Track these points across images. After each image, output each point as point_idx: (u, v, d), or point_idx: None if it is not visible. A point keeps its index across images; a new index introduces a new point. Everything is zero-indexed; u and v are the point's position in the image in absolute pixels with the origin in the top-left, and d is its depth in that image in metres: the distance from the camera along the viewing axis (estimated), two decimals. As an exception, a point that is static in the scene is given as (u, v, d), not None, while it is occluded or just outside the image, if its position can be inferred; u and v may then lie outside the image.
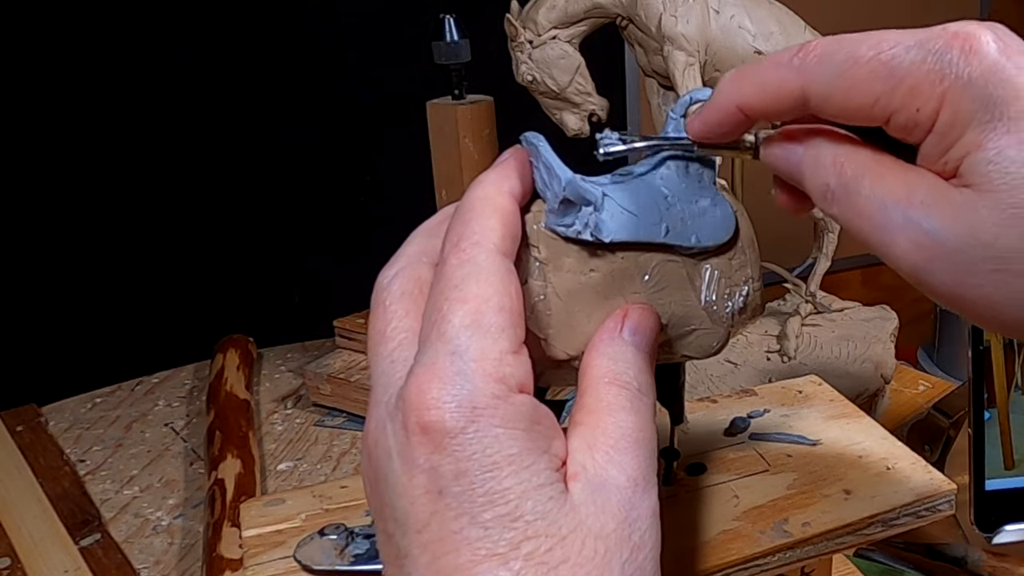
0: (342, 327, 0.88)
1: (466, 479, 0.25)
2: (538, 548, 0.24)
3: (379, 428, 0.27)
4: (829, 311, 0.82)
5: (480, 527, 0.24)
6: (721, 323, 0.35)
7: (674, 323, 0.35)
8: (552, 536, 0.25)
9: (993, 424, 0.55)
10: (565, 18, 0.71)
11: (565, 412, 0.40)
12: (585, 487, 0.26)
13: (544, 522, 0.25)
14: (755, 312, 0.36)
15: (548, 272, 0.33)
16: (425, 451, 0.25)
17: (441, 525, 0.25)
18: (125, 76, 1.32)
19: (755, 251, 0.36)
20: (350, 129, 1.47)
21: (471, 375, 0.25)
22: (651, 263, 0.34)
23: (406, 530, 0.25)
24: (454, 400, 0.25)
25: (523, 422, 0.26)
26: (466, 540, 0.24)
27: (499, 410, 0.25)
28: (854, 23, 0.82)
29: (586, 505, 0.26)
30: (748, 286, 0.35)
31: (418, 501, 0.25)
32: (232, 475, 0.69)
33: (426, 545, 0.25)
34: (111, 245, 1.37)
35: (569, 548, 0.25)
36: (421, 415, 0.25)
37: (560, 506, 0.25)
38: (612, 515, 0.26)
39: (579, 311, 0.33)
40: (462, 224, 0.28)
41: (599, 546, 0.25)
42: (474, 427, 0.25)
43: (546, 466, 0.26)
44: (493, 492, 0.25)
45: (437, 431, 0.25)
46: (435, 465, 0.25)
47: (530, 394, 0.27)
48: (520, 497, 0.25)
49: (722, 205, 0.35)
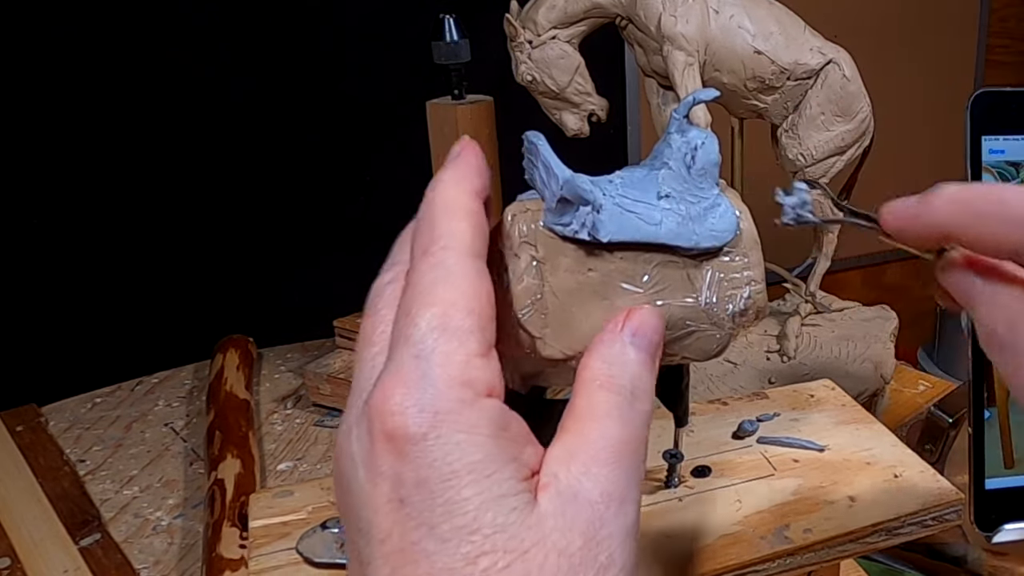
0: (342, 327, 0.88)
1: (426, 488, 0.23)
2: (496, 563, 0.23)
3: (346, 435, 0.26)
4: (829, 311, 0.82)
5: (438, 539, 0.23)
6: (721, 325, 0.35)
7: (673, 325, 0.35)
8: (512, 551, 0.23)
9: (993, 423, 0.55)
10: (565, 18, 0.71)
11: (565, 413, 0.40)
12: (554, 499, 0.25)
13: (504, 535, 0.23)
14: (758, 315, 0.36)
15: (545, 272, 0.33)
16: (389, 459, 0.24)
17: (401, 536, 0.24)
18: (125, 76, 1.32)
19: (758, 253, 0.36)
20: (350, 129, 1.47)
21: (435, 379, 0.24)
22: (650, 264, 0.34)
23: (369, 539, 0.24)
24: (416, 405, 0.24)
25: (488, 428, 0.25)
26: (424, 552, 0.23)
27: (462, 415, 0.24)
28: (854, 23, 0.82)
29: (553, 519, 0.24)
30: (750, 288, 0.35)
31: (381, 510, 0.24)
32: (232, 475, 0.69)
33: (387, 556, 0.24)
34: (111, 245, 1.37)
35: (530, 563, 0.23)
36: (384, 421, 0.24)
37: (524, 518, 0.24)
38: (580, 532, 0.24)
39: (576, 311, 0.33)
40: (429, 228, 0.27)
41: (562, 564, 0.24)
42: (435, 432, 0.24)
43: (511, 475, 0.24)
44: (452, 502, 0.23)
45: (400, 438, 0.24)
46: (398, 473, 0.24)
47: (500, 399, 0.26)
48: (479, 508, 0.24)
49: (724, 206, 0.35)
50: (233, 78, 1.39)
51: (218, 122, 1.40)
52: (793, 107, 0.73)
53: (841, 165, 0.74)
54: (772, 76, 0.71)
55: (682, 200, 0.34)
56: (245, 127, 1.41)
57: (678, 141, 0.35)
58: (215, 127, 1.39)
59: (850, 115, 0.72)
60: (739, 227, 0.35)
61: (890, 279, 2.01)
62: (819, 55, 0.71)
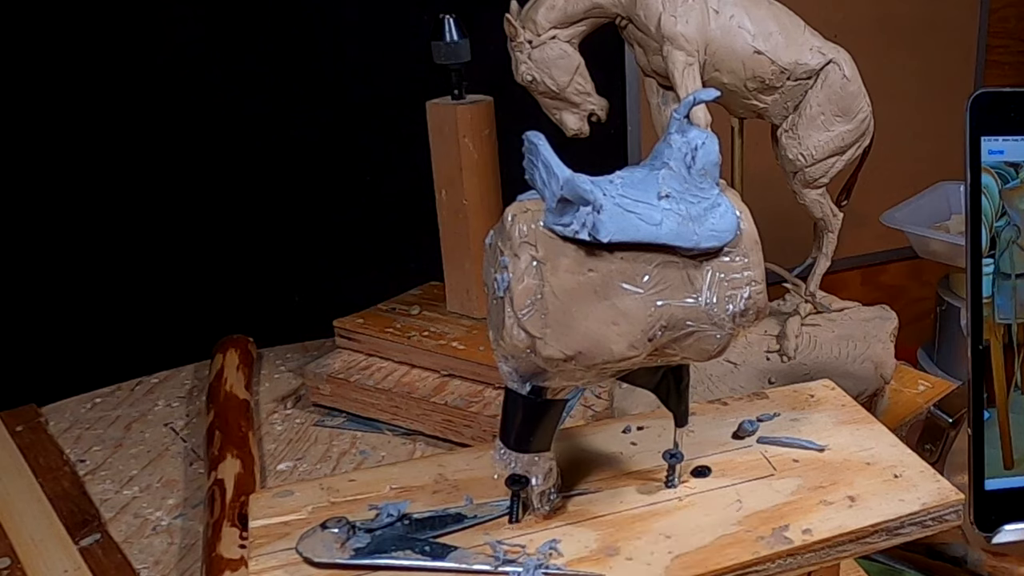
0: (342, 327, 0.88)
1: None
2: None
3: None
4: (829, 311, 0.82)
5: None
6: (722, 325, 0.35)
7: (674, 325, 0.35)
8: None
9: (993, 424, 0.55)
10: (565, 18, 0.71)
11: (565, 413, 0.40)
12: None
13: None
14: (759, 315, 0.36)
15: (545, 272, 0.33)
16: None
17: None
18: (125, 76, 1.32)
19: (758, 253, 0.36)
20: (350, 129, 1.47)
21: None
22: (651, 264, 0.34)
23: None
24: None
25: None
26: None
27: None
28: (854, 23, 0.83)
29: None
30: (750, 288, 0.35)
31: None
32: (232, 475, 0.69)
33: None
34: (111, 245, 1.37)
35: None
36: None
37: None
38: None
39: (576, 311, 0.33)
40: None
41: None
42: None
43: None
44: None
45: None
46: None
47: None
48: None
49: (725, 206, 0.35)
50: (233, 78, 1.39)
51: (218, 122, 1.40)
52: (793, 107, 0.73)
53: (841, 165, 0.74)
54: (772, 76, 0.71)
55: (682, 200, 0.34)
56: (245, 127, 1.41)
57: (678, 141, 0.35)
58: (215, 127, 1.39)
59: (850, 115, 0.72)
60: (740, 227, 0.35)
61: (890, 279, 2.02)
62: (819, 55, 0.71)
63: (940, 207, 1.58)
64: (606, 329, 0.36)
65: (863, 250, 1.91)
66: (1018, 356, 0.55)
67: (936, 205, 1.58)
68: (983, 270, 0.53)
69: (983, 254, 0.53)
